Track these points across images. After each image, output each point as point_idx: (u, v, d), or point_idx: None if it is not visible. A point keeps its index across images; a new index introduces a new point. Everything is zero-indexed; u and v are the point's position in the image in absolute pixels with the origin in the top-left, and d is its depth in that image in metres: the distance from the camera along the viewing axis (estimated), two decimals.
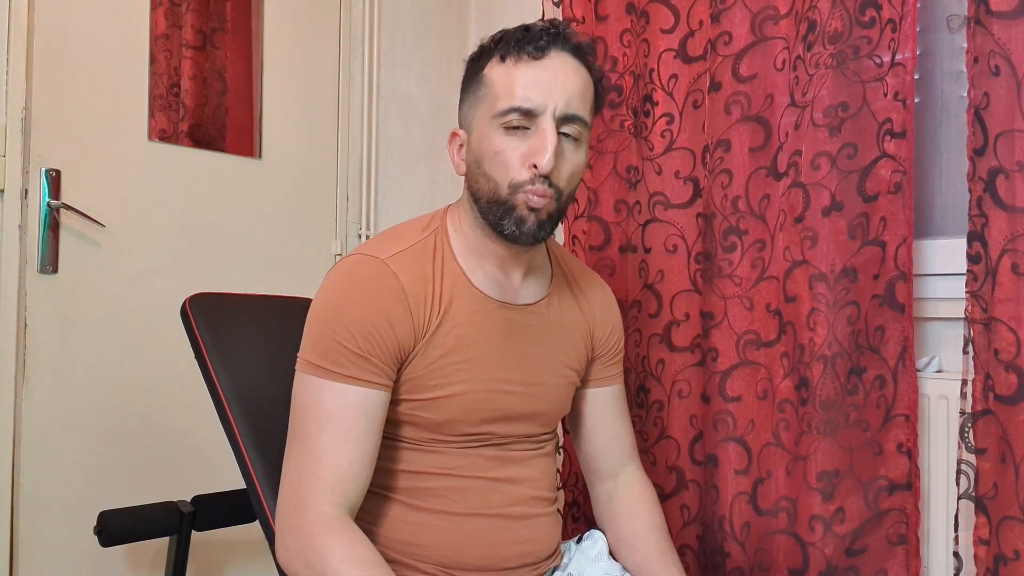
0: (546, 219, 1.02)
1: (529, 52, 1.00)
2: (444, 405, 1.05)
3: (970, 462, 1.23)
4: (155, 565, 1.70)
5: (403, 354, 1.03)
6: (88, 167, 1.63)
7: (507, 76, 1.01)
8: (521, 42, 1.00)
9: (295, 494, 0.98)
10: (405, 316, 1.02)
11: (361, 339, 0.99)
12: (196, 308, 1.25)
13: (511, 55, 1.01)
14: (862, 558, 1.33)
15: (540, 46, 1.00)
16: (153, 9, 1.73)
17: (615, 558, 1.19)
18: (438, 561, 1.06)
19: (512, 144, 1.00)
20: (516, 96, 0.99)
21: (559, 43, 1.01)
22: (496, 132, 1.01)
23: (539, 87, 0.99)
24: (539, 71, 1.00)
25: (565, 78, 1.01)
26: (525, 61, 1.00)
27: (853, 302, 1.34)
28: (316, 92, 2.00)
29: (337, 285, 1.04)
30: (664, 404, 1.57)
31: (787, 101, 1.41)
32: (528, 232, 1.02)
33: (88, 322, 1.63)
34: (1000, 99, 1.19)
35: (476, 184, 1.04)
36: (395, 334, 1.01)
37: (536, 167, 0.98)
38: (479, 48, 1.07)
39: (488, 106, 1.02)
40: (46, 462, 1.57)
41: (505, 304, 1.09)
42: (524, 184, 1.00)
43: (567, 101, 1.00)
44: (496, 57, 1.03)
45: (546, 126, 0.99)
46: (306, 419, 1.00)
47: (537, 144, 0.99)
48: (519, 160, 1.00)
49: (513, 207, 1.01)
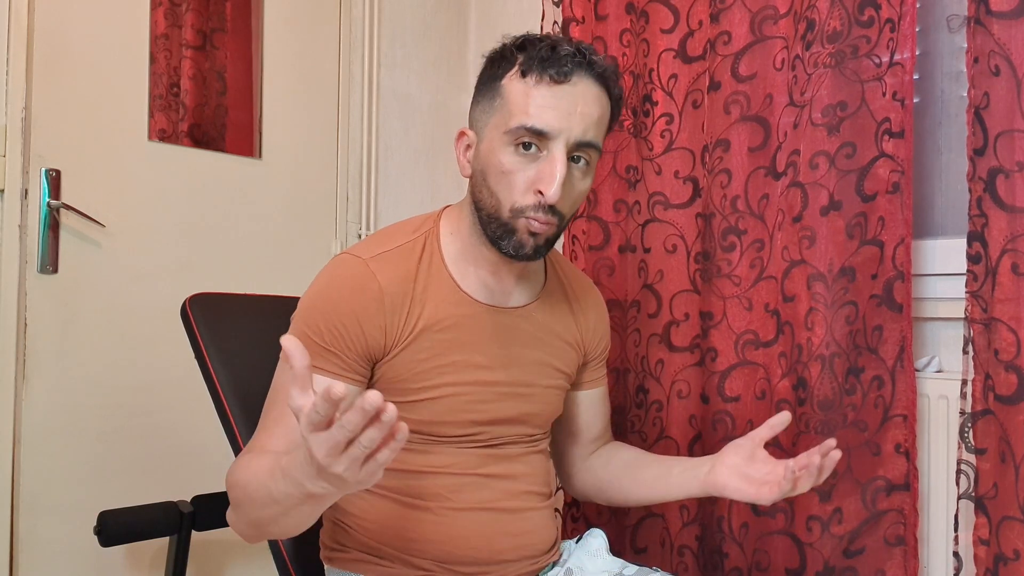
0: (544, 243, 1.03)
1: (552, 75, 0.97)
2: (430, 406, 1.05)
3: (970, 462, 1.23)
4: (155, 565, 1.70)
5: (372, 352, 1.03)
6: (88, 167, 1.63)
7: (525, 94, 0.98)
8: (545, 62, 0.98)
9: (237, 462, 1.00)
10: (377, 315, 1.02)
11: (327, 333, 1.01)
12: (196, 308, 1.25)
13: (533, 73, 0.98)
14: (860, 559, 1.33)
15: (564, 71, 0.97)
16: (153, 9, 1.73)
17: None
18: (434, 556, 1.06)
19: (520, 165, 0.99)
20: (531, 116, 0.97)
21: (584, 68, 0.99)
22: (505, 148, 1.00)
23: (557, 111, 0.97)
24: (559, 95, 0.98)
25: (585, 106, 0.99)
26: (546, 83, 0.98)
27: (851, 302, 1.34)
28: (316, 92, 2.00)
29: (319, 283, 1.06)
30: (663, 404, 1.57)
31: (786, 101, 1.41)
32: (526, 255, 1.02)
33: (88, 322, 1.63)
34: (1000, 99, 1.19)
35: (480, 194, 1.04)
36: (363, 332, 1.02)
37: (542, 194, 0.98)
38: (500, 48, 1.04)
39: (501, 119, 1.00)
40: (46, 462, 1.57)
41: (494, 307, 1.09)
42: (527, 209, 0.99)
43: (584, 129, 0.99)
44: (517, 70, 1.00)
45: (557, 154, 0.97)
46: (270, 398, 1.04)
47: (546, 171, 0.98)
48: (525, 184, 0.99)
49: (513, 230, 1.01)
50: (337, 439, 0.71)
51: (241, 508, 0.95)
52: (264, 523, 0.92)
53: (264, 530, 0.95)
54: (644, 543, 1.61)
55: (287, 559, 1.17)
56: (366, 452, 0.72)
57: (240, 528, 0.98)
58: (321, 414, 0.71)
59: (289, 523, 0.90)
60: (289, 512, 0.87)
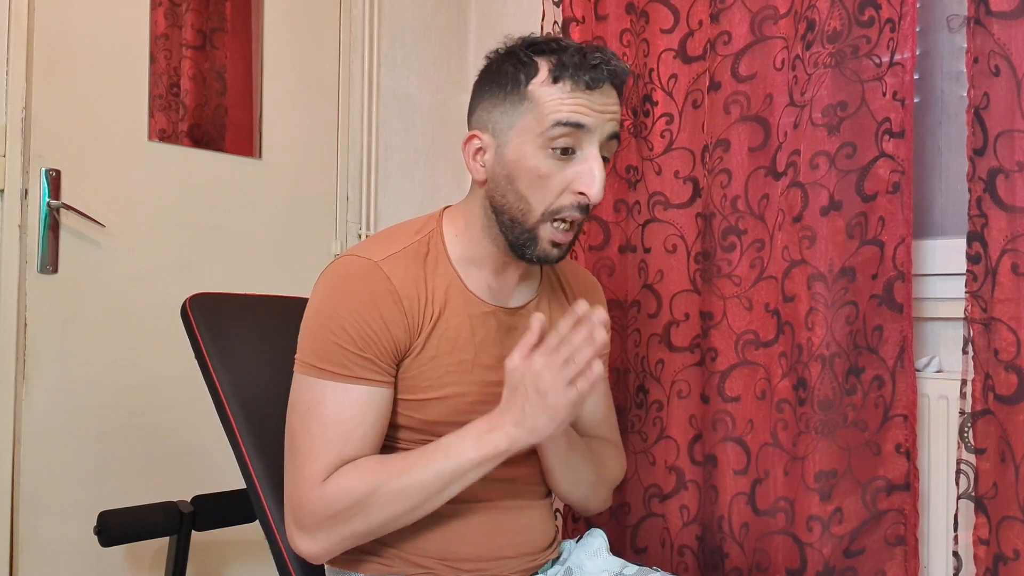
0: (567, 248, 1.06)
1: (587, 82, 0.99)
2: (435, 406, 1.05)
3: (970, 462, 1.23)
4: (155, 565, 1.70)
5: (400, 353, 1.03)
6: (88, 167, 1.63)
7: (559, 99, 1.00)
8: (579, 68, 0.99)
9: (298, 494, 1.00)
10: (399, 317, 1.02)
11: (358, 339, 1.00)
12: (196, 308, 1.25)
13: (566, 79, 0.99)
14: (860, 559, 1.33)
15: (597, 78, 1.00)
16: (153, 9, 1.73)
17: None
18: (436, 554, 1.06)
19: (556, 168, 1.01)
20: (568, 114, 0.99)
21: (611, 77, 1.02)
22: (539, 152, 1.01)
23: (593, 110, 1.00)
24: (592, 99, 1.00)
25: (611, 108, 1.02)
26: (581, 88, 1.00)
27: (851, 302, 1.34)
28: (316, 92, 2.00)
29: (331, 287, 1.04)
30: (663, 404, 1.57)
31: (786, 101, 1.41)
32: (550, 261, 1.06)
33: (88, 322, 1.63)
34: (1000, 99, 1.19)
35: (503, 199, 1.04)
36: (391, 334, 1.02)
37: (583, 194, 1.00)
38: (513, 54, 1.04)
39: (533, 122, 1.01)
40: (46, 462, 1.57)
41: (498, 308, 1.10)
42: (564, 210, 1.02)
43: (614, 128, 1.03)
44: (547, 76, 1.01)
45: (594, 153, 1.00)
46: (308, 421, 1.01)
47: (585, 171, 1.00)
48: (561, 186, 1.01)
49: (536, 240, 1.03)
50: (563, 355, 0.91)
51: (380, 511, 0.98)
52: (399, 517, 0.99)
53: (389, 527, 1.01)
54: (644, 543, 1.61)
55: (287, 559, 1.17)
56: (577, 370, 0.91)
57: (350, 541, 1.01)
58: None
59: (432, 505, 0.99)
60: (448, 488, 0.98)
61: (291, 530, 1.02)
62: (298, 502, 1.00)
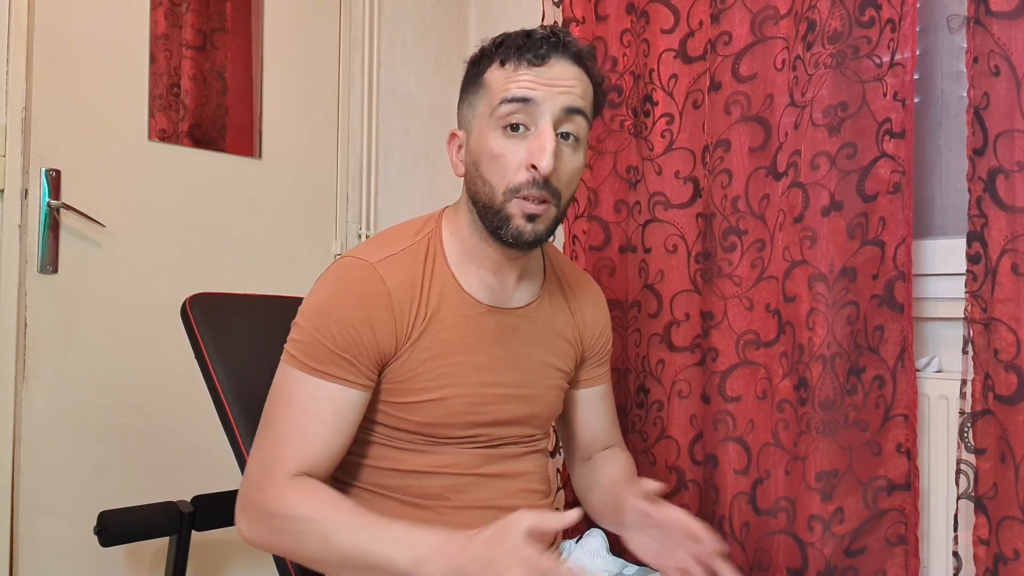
0: (544, 229, 1.03)
1: (529, 59, 1.00)
2: (431, 408, 1.05)
3: (970, 462, 1.23)
4: (155, 565, 1.70)
5: (383, 357, 1.04)
6: (88, 167, 1.63)
7: (506, 79, 1.01)
8: (522, 48, 1.00)
9: (257, 474, 1.00)
10: (387, 320, 1.02)
11: (342, 340, 1.01)
12: (196, 308, 1.25)
13: (511, 60, 1.01)
14: (861, 558, 1.33)
15: (540, 54, 1.00)
16: (153, 9, 1.73)
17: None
18: None
19: (510, 146, 1.00)
20: (513, 90, 0.99)
21: (559, 50, 1.01)
22: (494, 132, 1.01)
23: (539, 84, 1.00)
24: (539, 74, 1.00)
25: (565, 82, 1.01)
26: (525, 66, 1.00)
27: (852, 302, 1.34)
28: (316, 92, 2.00)
29: (326, 287, 1.05)
30: (664, 404, 1.57)
31: (787, 101, 1.41)
32: (526, 241, 1.02)
33: (88, 322, 1.63)
34: (1000, 99, 1.19)
35: (474, 187, 1.04)
36: (375, 338, 1.02)
37: (535, 168, 0.98)
38: (480, 51, 1.07)
39: (486, 106, 1.02)
40: (46, 462, 1.57)
41: (496, 308, 1.10)
42: (522, 187, 0.99)
43: (567, 99, 1.00)
44: (496, 62, 1.02)
45: (545, 127, 0.98)
46: (280, 406, 1.02)
47: (536, 145, 0.98)
48: (516, 163, 1.00)
49: (508, 217, 1.01)
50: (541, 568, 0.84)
51: (303, 541, 0.96)
52: (317, 560, 0.96)
53: (309, 562, 0.98)
54: None
55: (287, 559, 1.17)
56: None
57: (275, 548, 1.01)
58: None
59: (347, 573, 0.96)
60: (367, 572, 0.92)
61: (239, 499, 1.02)
62: (254, 483, 1.00)
